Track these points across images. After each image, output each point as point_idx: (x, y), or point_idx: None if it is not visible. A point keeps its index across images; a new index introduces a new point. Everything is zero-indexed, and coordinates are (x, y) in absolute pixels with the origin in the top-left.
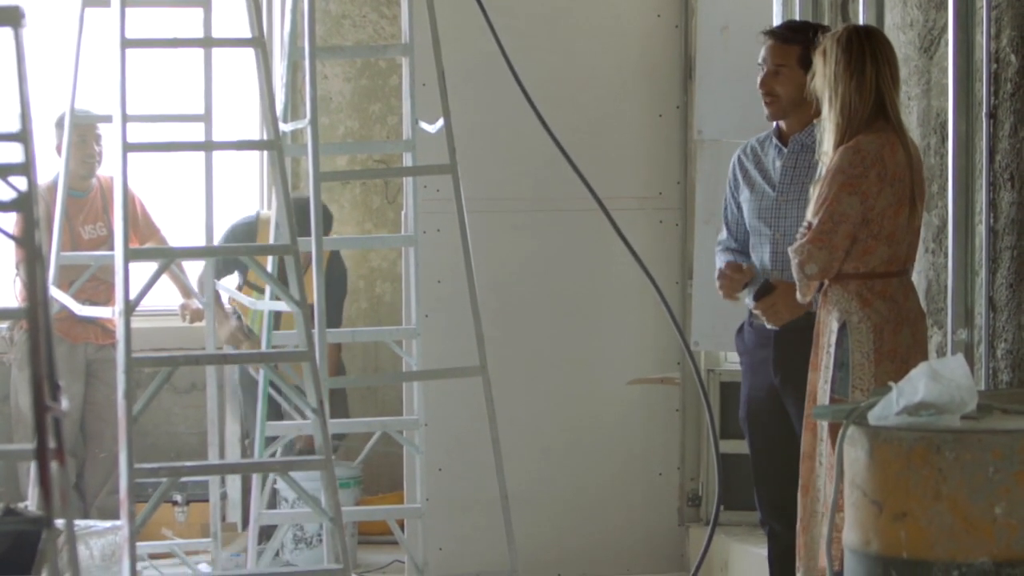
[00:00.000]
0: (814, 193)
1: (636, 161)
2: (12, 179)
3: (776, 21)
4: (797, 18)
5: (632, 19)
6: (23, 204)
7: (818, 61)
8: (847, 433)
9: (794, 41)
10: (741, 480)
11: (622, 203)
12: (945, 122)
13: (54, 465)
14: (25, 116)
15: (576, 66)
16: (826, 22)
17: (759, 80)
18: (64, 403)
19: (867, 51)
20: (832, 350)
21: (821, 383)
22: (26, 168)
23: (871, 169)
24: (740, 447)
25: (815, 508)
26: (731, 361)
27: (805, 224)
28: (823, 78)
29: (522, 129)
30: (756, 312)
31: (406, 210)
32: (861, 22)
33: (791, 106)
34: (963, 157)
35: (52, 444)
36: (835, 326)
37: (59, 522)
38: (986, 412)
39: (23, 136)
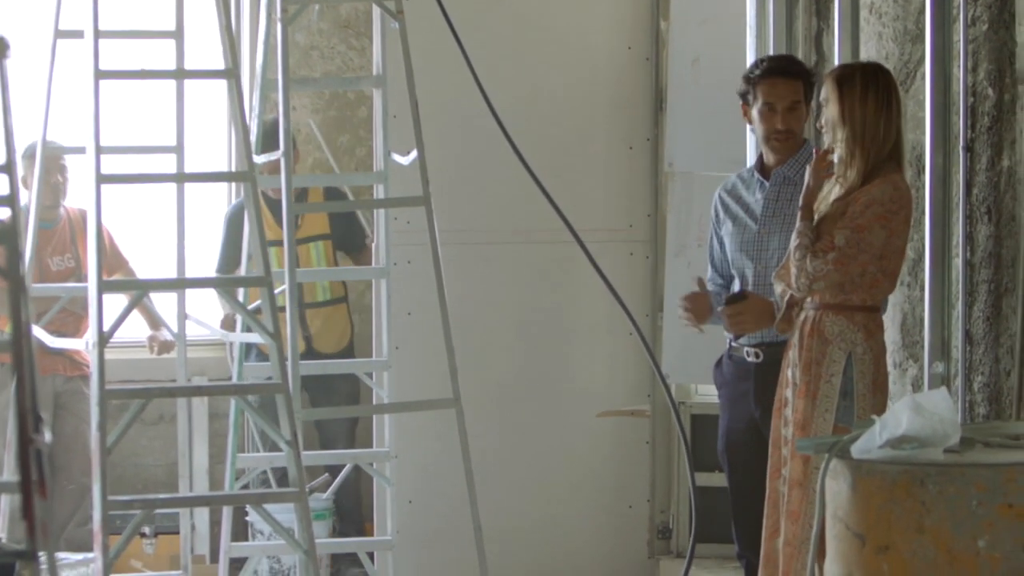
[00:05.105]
0: (829, 207)
1: (607, 193)
2: None
3: (750, 54)
4: (771, 51)
5: (603, 51)
6: (8, 236)
7: (834, 91)
8: (830, 466)
9: (801, 75)
10: (714, 512)
11: (593, 235)
12: (921, 155)
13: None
14: (9, 147)
15: (547, 98)
16: (800, 55)
17: (776, 119)
18: (48, 435)
19: (892, 87)
20: (835, 380)
21: (820, 412)
22: (11, 199)
23: (903, 209)
24: (712, 479)
25: (807, 536)
26: (701, 394)
27: (825, 240)
28: (845, 109)
29: (491, 161)
30: (723, 316)
31: (377, 242)
32: (836, 55)
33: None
34: (940, 190)
35: (35, 476)
36: (839, 356)
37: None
38: (968, 445)
39: (8, 167)
